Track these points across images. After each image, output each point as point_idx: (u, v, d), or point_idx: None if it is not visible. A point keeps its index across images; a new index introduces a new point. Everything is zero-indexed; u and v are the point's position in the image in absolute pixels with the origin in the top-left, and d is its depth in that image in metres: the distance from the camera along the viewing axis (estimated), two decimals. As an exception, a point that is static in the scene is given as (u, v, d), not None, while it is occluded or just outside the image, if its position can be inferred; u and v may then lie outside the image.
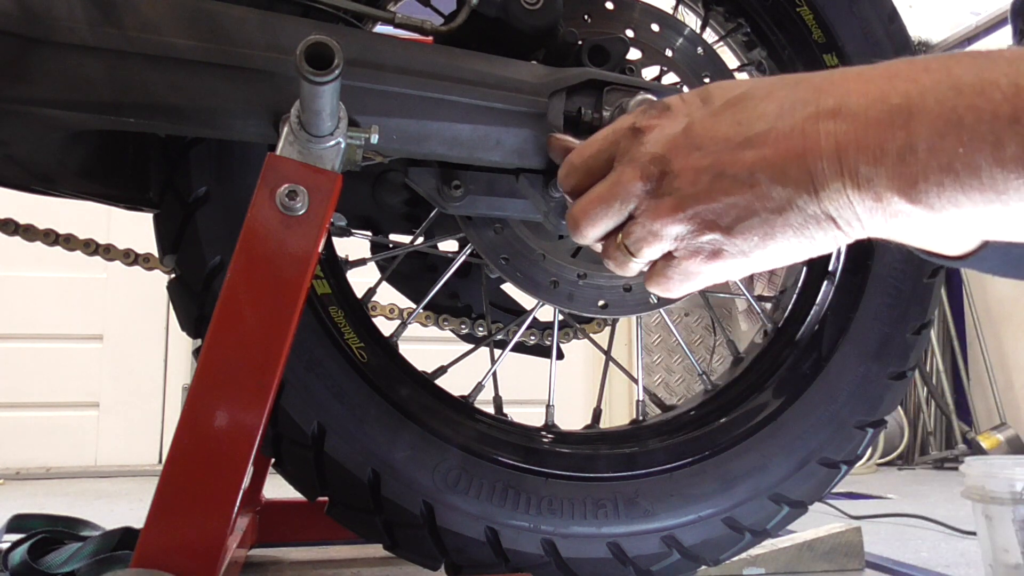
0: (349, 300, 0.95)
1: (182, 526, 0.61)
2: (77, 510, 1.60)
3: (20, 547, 1.06)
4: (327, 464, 0.88)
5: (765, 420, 1.04)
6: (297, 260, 0.64)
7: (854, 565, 1.27)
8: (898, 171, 0.44)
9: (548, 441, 1.02)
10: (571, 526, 0.95)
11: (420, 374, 0.99)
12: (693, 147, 0.53)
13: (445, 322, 1.17)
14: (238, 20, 0.73)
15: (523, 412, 1.11)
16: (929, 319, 1.09)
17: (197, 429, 0.62)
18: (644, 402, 1.13)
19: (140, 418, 2.92)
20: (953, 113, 0.42)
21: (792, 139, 0.48)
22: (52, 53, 0.68)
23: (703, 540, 0.99)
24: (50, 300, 2.89)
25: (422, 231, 1.06)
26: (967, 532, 1.59)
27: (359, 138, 0.68)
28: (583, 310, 0.97)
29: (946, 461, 3.16)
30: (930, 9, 3.49)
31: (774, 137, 0.49)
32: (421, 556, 0.93)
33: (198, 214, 0.86)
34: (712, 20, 1.18)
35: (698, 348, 3.27)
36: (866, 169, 0.45)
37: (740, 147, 0.51)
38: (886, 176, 0.44)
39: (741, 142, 0.51)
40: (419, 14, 0.89)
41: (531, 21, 0.85)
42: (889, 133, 0.44)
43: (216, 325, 0.63)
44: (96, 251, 1.13)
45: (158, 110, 0.72)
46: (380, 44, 0.78)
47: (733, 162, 0.51)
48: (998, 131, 0.40)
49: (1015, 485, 1.06)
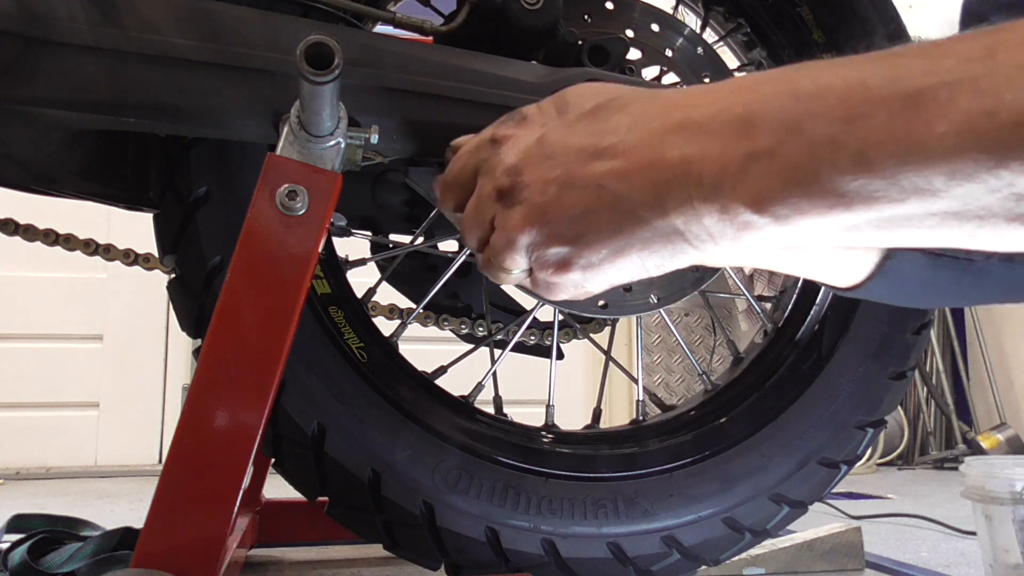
0: (349, 300, 0.95)
1: (182, 526, 0.61)
2: (77, 510, 1.60)
3: (20, 547, 1.06)
4: (327, 464, 0.88)
5: (765, 420, 1.04)
6: (297, 260, 0.64)
7: (854, 565, 1.27)
8: (742, 180, 0.43)
9: (548, 441, 1.02)
10: (571, 526, 0.95)
11: (420, 374, 0.99)
12: (545, 157, 0.53)
13: (445, 322, 1.17)
14: (238, 20, 0.73)
15: (523, 412, 1.11)
16: (929, 319, 1.09)
17: (197, 429, 0.62)
18: (644, 402, 1.13)
19: (140, 418, 2.92)
20: (792, 119, 0.42)
21: (640, 151, 0.48)
22: (52, 53, 0.68)
23: (703, 540, 0.99)
24: (50, 300, 2.89)
25: (422, 231, 1.06)
26: (967, 532, 1.59)
27: (359, 138, 0.68)
28: (583, 310, 0.97)
29: (946, 461, 3.16)
30: (930, 9, 3.49)
31: (623, 149, 0.49)
32: (421, 556, 0.93)
33: (198, 214, 0.86)
34: (712, 20, 1.18)
35: (698, 348, 3.27)
36: (711, 180, 0.45)
37: (590, 158, 0.51)
38: (730, 186, 0.44)
39: (592, 153, 0.51)
40: (419, 14, 0.89)
41: (531, 21, 0.85)
42: (732, 143, 0.44)
43: (216, 325, 0.63)
44: (96, 251, 1.13)
45: (158, 110, 0.72)
46: (380, 44, 0.78)
47: (582, 173, 0.51)
48: (834, 134, 0.40)
49: (1015, 485, 1.06)
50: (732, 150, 0.44)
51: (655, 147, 0.48)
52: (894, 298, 0.67)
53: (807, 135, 0.41)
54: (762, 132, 0.43)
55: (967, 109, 0.35)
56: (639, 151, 0.48)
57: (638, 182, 0.48)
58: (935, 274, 0.61)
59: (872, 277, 0.60)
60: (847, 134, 0.39)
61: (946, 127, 0.36)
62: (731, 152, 0.44)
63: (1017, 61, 0.35)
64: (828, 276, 0.62)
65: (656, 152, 0.47)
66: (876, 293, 0.63)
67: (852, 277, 0.61)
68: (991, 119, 0.35)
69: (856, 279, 0.61)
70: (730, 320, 3.20)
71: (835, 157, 0.40)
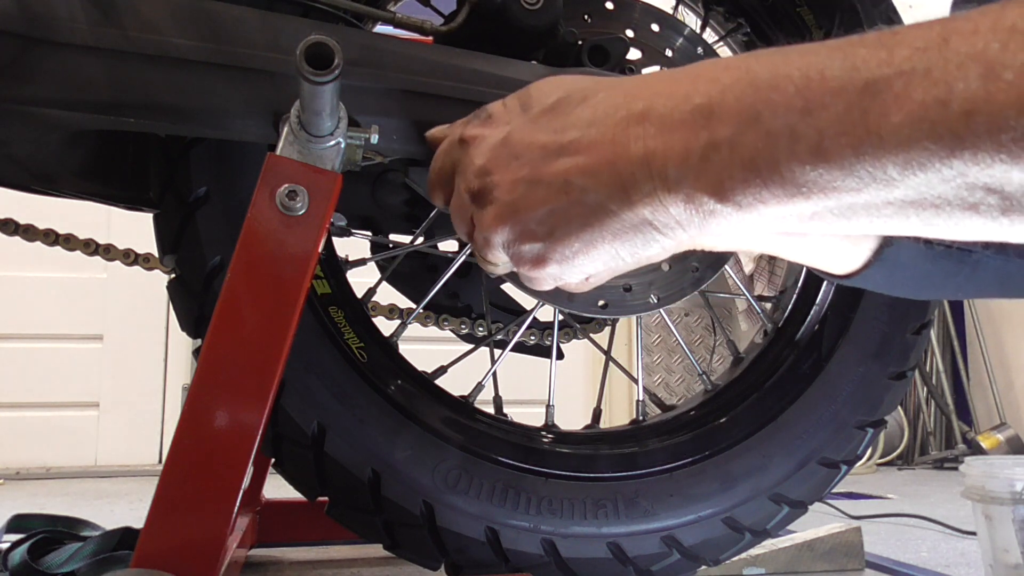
0: (349, 300, 0.95)
1: (182, 526, 0.61)
2: (77, 510, 1.60)
3: (20, 547, 1.06)
4: (327, 464, 0.88)
5: (765, 420, 1.04)
6: (297, 260, 0.64)
7: (854, 565, 1.27)
8: (704, 170, 0.44)
9: (548, 441, 1.02)
10: (571, 526, 0.95)
11: (420, 374, 0.99)
12: (512, 156, 0.54)
13: (445, 322, 1.17)
14: (238, 20, 0.73)
15: (523, 412, 1.11)
16: (929, 319, 1.09)
17: (197, 429, 0.62)
18: (644, 402, 1.13)
19: (140, 418, 2.92)
20: (751, 109, 0.42)
21: (603, 146, 0.49)
22: (52, 53, 0.68)
23: (703, 540, 0.99)
24: (50, 300, 2.89)
25: (422, 231, 1.06)
26: (967, 532, 1.59)
27: (359, 138, 0.68)
28: (583, 310, 0.97)
29: (946, 461, 3.16)
30: (930, 9, 3.49)
31: (586, 144, 0.50)
32: (421, 556, 0.93)
33: (198, 214, 0.86)
34: (712, 20, 1.18)
35: (698, 348, 3.27)
36: (674, 171, 0.45)
37: (555, 155, 0.51)
38: (693, 176, 0.44)
39: (556, 149, 0.51)
40: (419, 14, 0.89)
41: (531, 21, 0.85)
42: (693, 133, 0.44)
43: (216, 325, 0.63)
44: (96, 251, 1.13)
45: (158, 110, 0.72)
46: (380, 44, 0.78)
47: (548, 171, 0.51)
48: (792, 124, 0.40)
49: (1015, 485, 1.06)
50: (693, 141, 0.44)
51: (617, 141, 0.48)
52: (891, 288, 0.67)
53: (765, 125, 0.41)
54: (722, 122, 0.43)
55: (921, 99, 0.35)
56: (602, 147, 0.49)
57: (604, 177, 0.49)
58: (932, 265, 0.61)
59: (869, 265, 0.60)
60: (805, 124, 0.40)
61: (900, 117, 0.36)
62: (692, 143, 0.44)
63: (968, 50, 0.34)
64: (825, 263, 0.62)
65: (619, 147, 0.48)
66: (873, 282, 0.63)
67: (849, 265, 0.61)
68: (943, 109, 0.35)
69: (853, 267, 0.61)
70: (730, 320, 3.20)
71: (793, 148, 0.40)
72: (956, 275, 0.62)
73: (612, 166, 0.48)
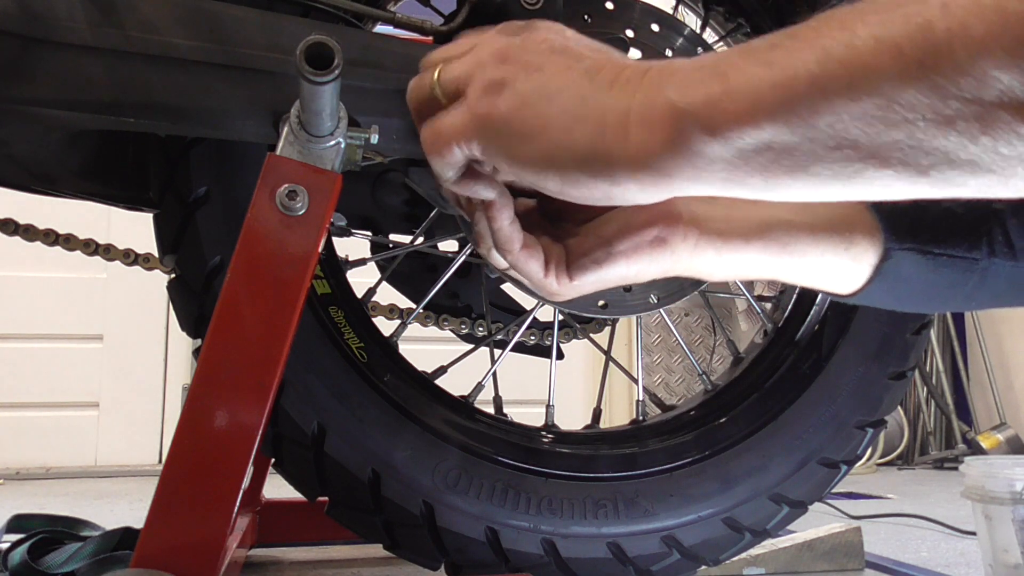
0: (349, 300, 0.95)
1: (182, 526, 0.61)
2: (77, 510, 1.60)
3: (20, 547, 1.06)
4: (327, 464, 0.88)
5: (765, 420, 1.04)
6: (297, 260, 0.64)
7: (854, 565, 1.27)
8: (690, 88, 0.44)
9: (548, 441, 1.02)
10: (571, 526, 0.95)
11: (420, 374, 0.99)
12: (505, 45, 0.54)
13: (445, 322, 1.17)
14: (238, 20, 0.73)
15: (523, 412, 1.11)
16: (929, 319, 1.09)
17: (197, 429, 0.62)
18: (644, 402, 1.13)
19: (140, 418, 2.92)
20: None
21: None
22: (52, 53, 0.68)
23: (703, 540, 0.99)
24: (50, 300, 2.89)
25: (422, 231, 1.06)
26: (967, 532, 1.59)
27: (359, 138, 0.68)
28: (583, 310, 0.97)
29: (946, 461, 3.16)
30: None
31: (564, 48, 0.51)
32: (421, 556, 0.93)
33: (198, 214, 0.86)
34: (712, 20, 1.18)
35: (698, 348, 3.27)
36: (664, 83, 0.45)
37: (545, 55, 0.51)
38: (678, 85, 0.45)
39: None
40: (419, 14, 0.89)
41: (531, 21, 0.84)
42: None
43: (216, 325, 0.63)
44: (96, 251, 1.13)
45: (158, 110, 0.72)
46: (380, 44, 0.78)
47: (534, 47, 0.52)
48: None
49: (1015, 485, 1.06)
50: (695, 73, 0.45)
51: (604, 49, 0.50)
52: (897, 303, 0.67)
53: None
54: None
55: None
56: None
57: (587, 63, 0.49)
58: (936, 275, 0.61)
59: (871, 282, 0.61)
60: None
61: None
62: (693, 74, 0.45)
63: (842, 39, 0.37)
64: (827, 284, 0.62)
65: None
66: (877, 298, 0.63)
67: (851, 283, 0.61)
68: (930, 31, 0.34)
69: (855, 285, 0.61)
70: (730, 320, 3.20)
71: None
72: (963, 284, 0.61)
73: (598, 64, 0.48)
